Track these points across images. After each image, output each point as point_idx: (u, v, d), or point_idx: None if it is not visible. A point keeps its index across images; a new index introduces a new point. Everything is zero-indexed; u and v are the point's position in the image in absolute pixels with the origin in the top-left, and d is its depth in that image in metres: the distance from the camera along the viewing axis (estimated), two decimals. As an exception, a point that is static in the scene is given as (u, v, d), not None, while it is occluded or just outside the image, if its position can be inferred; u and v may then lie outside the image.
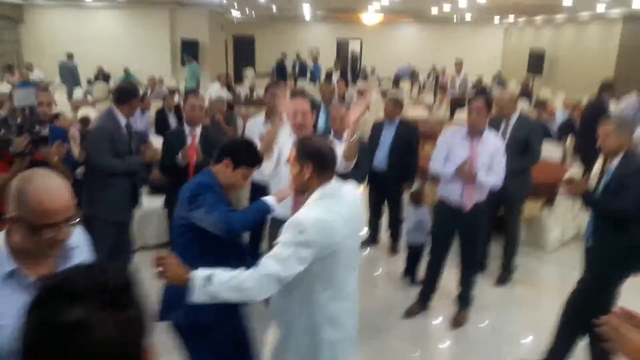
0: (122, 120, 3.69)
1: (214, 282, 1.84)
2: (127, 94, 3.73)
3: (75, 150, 4.15)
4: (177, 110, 8.66)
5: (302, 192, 2.17)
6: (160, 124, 8.24)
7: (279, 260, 1.91)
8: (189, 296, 1.84)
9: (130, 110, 3.74)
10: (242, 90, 13.00)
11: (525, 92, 12.22)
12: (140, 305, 0.80)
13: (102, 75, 14.31)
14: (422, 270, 4.45)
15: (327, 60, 17.73)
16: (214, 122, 7.88)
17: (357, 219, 2.22)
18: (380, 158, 4.96)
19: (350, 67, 20.23)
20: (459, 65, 11.13)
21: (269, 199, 2.45)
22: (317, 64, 16.63)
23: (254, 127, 4.31)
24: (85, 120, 6.20)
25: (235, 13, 19.03)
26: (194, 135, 3.98)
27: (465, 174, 3.60)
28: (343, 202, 2.10)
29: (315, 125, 4.80)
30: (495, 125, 4.32)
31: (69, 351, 0.72)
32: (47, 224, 1.27)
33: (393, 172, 4.95)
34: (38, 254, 1.33)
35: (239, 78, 17.79)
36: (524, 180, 4.44)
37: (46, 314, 0.75)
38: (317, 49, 18.72)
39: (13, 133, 2.89)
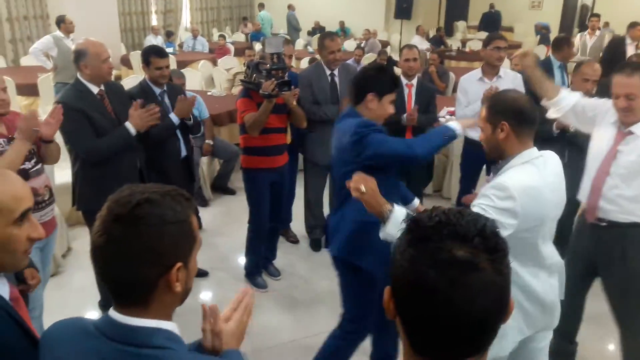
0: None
1: None
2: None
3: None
4: (390, 63, 8.82)
5: (496, 157, 1.95)
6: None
7: None
8: (381, 229, 1.85)
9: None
10: (454, 43, 12.65)
11: None
12: (508, 252, 0.82)
13: (320, 29, 15.14)
14: None
15: (549, 15, 16.11)
16: (425, 74, 7.91)
17: (562, 190, 1.98)
18: None
19: (578, 19, 18.07)
20: None
21: (453, 124, 2.32)
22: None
23: (468, 82, 4.15)
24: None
25: (453, -38, 18.27)
26: (410, 86, 4.03)
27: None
28: (549, 169, 1.90)
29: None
30: None
31: (457, 290, 0.75)
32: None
33: None
34: None
35: (449, 31, 17.26)
36: None
37: (435, 250, 0.78)
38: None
39: (263, 77, 3.27)
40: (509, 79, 4.02)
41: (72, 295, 3.56)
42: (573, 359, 2.96)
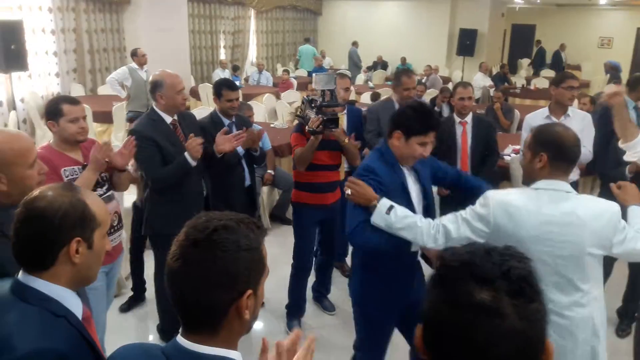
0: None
1: (395, 212, 2.04)
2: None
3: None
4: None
5: (528, 181, 2.02)
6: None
7: (456, 220, 1.99)
8: (371, 217, 2.08)
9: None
10: (518, 81, 12.42)
11: None
12: (542, 298, 0.78)
13: (381, 64, 15.27)
14: None
15: (619, 54, 15.58)
16: (489, 111, 7.78)
17: (570, 234, 1.87)
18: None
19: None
20: None
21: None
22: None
23: (534, 121, 4.01)
24: (351, 102, 6.54)
25: (519, 0, 18.12)
26: (464, 124, 3.94)
27: None
28: (562, 206, 1.89)
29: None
30: None
31: (476, 333, 0.74)
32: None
33: None
34: None
35: (513, 68, 17.00)
36: None
37: (454, 294, 0.77)
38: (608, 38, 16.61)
39: (313, 113, 3.23)
40: (578, 119, 3.87)
41: (133, 317, 3.66)
42: None
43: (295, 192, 3.57)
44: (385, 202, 2.08)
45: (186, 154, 3.00)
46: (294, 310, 3.68)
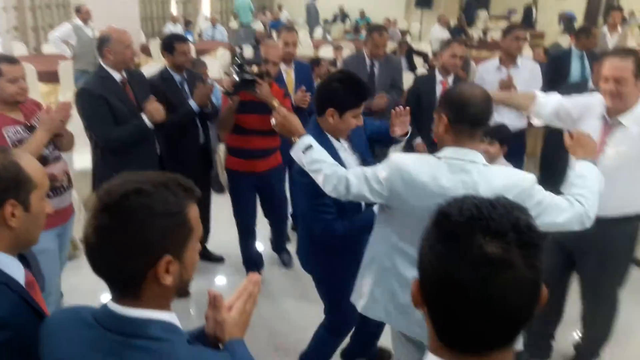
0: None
1: (311, 154, 1.96)
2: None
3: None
4: (409, 52, 8.74)
5: (440, 148, 1.83)
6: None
7: (359, 176, 1.89)
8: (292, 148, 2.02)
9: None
10: (475, 33, 12.47)
11: None
12: (541, 246, 0.79)
13: (342, 16, 15.01)
14: None
15: (572, 6, 15.76)
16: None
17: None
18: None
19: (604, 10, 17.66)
20: None
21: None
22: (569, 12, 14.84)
23: (485, 71, 4.09)
24: (315, 61, 6.14)
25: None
26: (444, 83, 3.87)
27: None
28: (460, 178, 1.71)
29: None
30: None
31: (488, 287, 0.74)
32: None
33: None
34: None
35: (470, 20, 17.02)
36: None
37: (464, 249, 0.76)
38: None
39: (236, 73, 2.96)
40: (527, 69, 3.95)
41: (89, 278, 3.60)
42: (549, 353, 2.88)
43: (227, 157, 3.40)
44: (305, 141, 1.99)
45: (144, 116, 2.92)
46: (250, 265, 3.62)
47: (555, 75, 4.33)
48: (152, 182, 1.02)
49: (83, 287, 3.31)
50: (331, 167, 1.96)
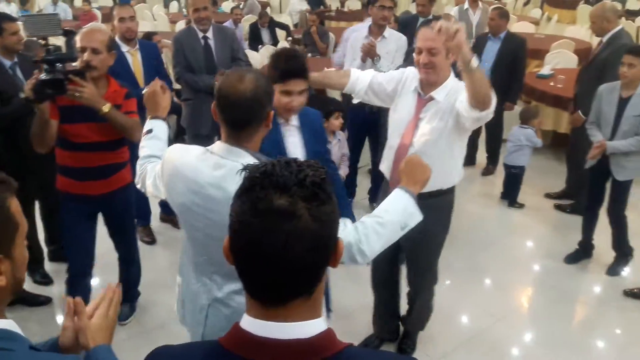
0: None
1: (146, 139, 1.91)
2: None
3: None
4: (271, 25, 8.65)
5: None
6: (253, 39, 8.31)
7: (153, 169, 1.78)
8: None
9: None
10: (333, 3, 12.68)
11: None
12: (333, 202, 0.86)
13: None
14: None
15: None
16: (306, 35, 7.84)
17: (213, 212, 1.50)
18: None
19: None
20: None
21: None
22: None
23: (355, 40, 4.03)
24: (148, 36, 5.38)
25: None
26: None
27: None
28: (215, 174, 1.51)
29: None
30: None
31: (275, 235, 0.80)
32: None
33: (495, 89, 4.74)
34: None
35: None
36: None
37: (256, 200, 0.82)
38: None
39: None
40: (394, 40, 4.03)
41: None
42: (397, 335, 3.04)
43: (57, 176, 2.71)
44: (150, 125, 1.93)
45: None
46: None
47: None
48: None
49: None
50: (148, 158, 1.87)
